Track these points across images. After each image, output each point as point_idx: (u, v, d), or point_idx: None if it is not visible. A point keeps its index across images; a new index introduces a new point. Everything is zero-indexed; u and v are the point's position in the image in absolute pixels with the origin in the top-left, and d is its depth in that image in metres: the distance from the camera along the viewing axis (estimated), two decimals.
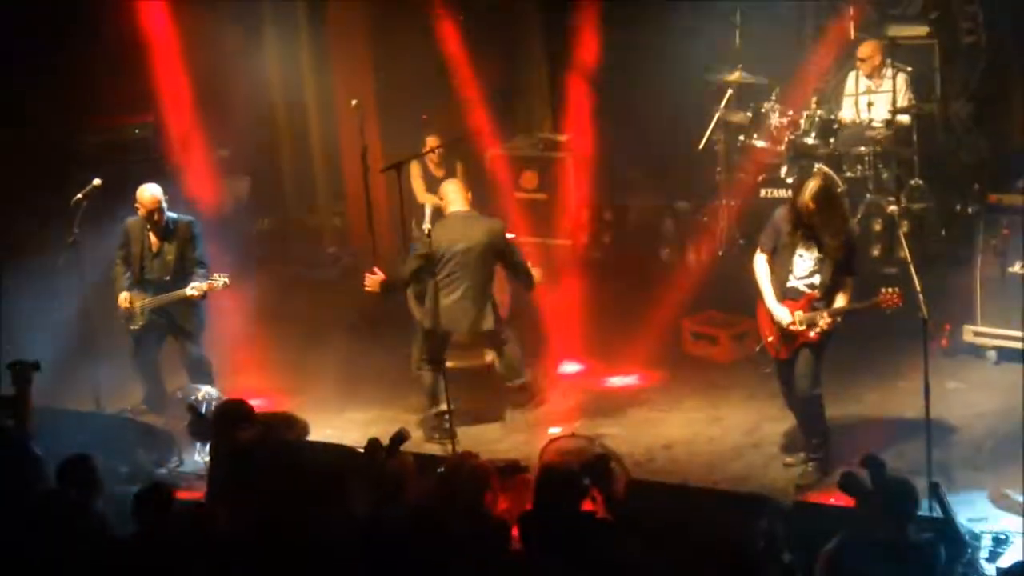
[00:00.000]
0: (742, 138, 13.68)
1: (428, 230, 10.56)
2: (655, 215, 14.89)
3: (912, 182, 13.22)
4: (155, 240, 11.30)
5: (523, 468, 9.01)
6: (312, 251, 15.47)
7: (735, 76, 13.78)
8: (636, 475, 8.77)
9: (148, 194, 11.20)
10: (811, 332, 9.53)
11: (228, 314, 12.72)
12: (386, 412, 11.36)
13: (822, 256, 9.51)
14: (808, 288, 9.58)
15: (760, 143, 13.53)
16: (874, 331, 10.87)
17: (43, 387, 9.73)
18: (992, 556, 8.13)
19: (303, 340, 13.23)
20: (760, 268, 9.77)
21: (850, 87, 13.56)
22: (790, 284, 9.64)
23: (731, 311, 12.03)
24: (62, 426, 10.12)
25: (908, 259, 9.31)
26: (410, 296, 11.79)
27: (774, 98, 13.51)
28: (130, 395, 11.76)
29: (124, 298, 11.32)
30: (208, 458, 9.52)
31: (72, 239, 11.23)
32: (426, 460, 9.11)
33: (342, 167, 15.16)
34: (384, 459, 8.47)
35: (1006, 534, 8.35)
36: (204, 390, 11.08)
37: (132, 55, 14.14)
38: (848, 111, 13.48)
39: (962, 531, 8.18)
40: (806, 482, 9.72)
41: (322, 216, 15.97)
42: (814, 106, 13.26)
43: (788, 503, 8.83)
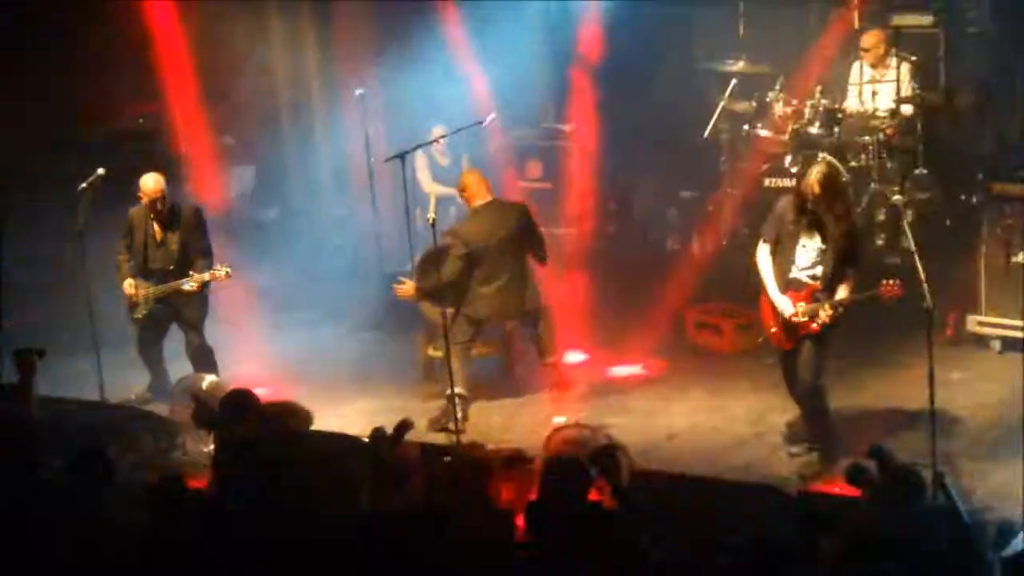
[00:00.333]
0: (746, 127, 13.68)
1: (432, 219, 10.53)
2: (659, 204, 14.89)
3: (916, 172, 13.19)
4: (159, 229, 11.30)
5: (528, 458, 9.00)
6: (316, 242, 15.45)
7: (740, 65, 13.78)
8: (640, 465, 8.75)
9: (151, 183, 11.20)
10: (813, 323, 9.53)
11: (232, 304, 12.74)
12: (390, 401, 11.35)
13: (825, 246, 9.49)
14: (810, 279, 9.57)
15: (764, 132, 13.53)
16: (878, 321, 10.86)
17: (47, 375, 9.77)
18: (997, 545, 8.12)
19: (307, 330, 13.23)
20: (763, 259, 9.76)
21: (854, 76, 13.54)
22: (792, 275, 9.63)
23: (735, 301, 12.03)
24: (65, 415, 10.14)
25: (912, 249, 9.30)
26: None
27: (778, 87, 13.49)
28: (134, 384, 11.76)
29: (128, 284, 11.33)
30: (213, 447, 9.52)
31: (76, 229, 11.22)
32: (430, 449, 9.11)
33: (346, 156, 15.13)
34: (388, 448, 8.48)
35: (1011, 523, 8.34)
36: (208, 379, 11.08)
37: (138, 44, 14.12)
38: (852, 101, 13.46)
39: (967, 521, 8.17)
40: (810, 472, 9.71)
41: (326, 206, 15.95)
42: (818, 95, 13.23)
43: (792, 492, 8.84)
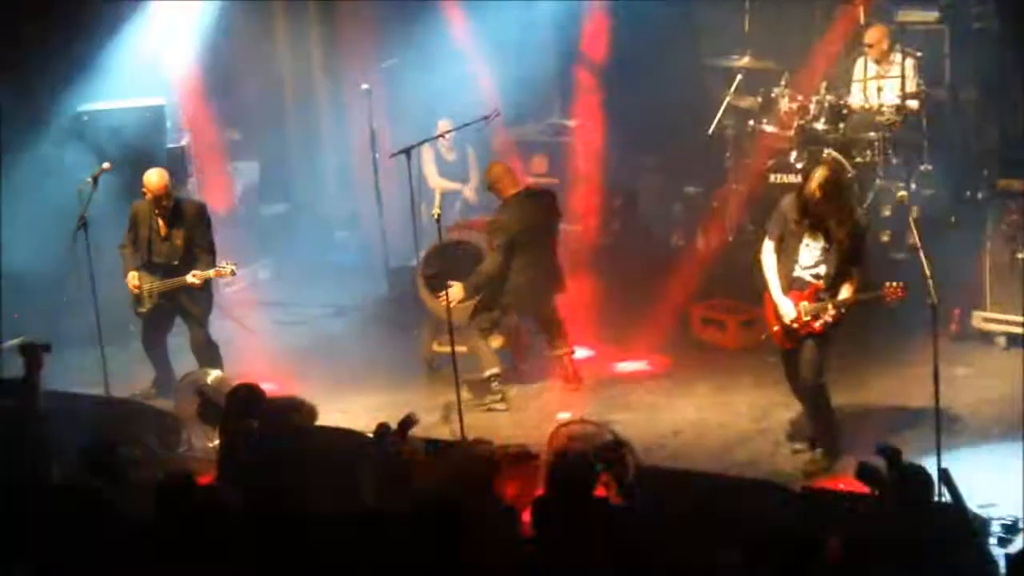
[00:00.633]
0: (751, 123, 13.66)
1: (437, 214, 10.55)
2: (664, 200, 14.89)
3: (921, 168, 13.20)
4: (163, 224, 11.29)
5: (533, 455, 9.01)
6: (321, 237, 15.46)
7: (745, 61, 13.77)
8: (645, 461, 8.75)
9: (155, 178, 11.19)
10: (816, 323, 9.53)
11: (237, 299, 12.76)
12: (395, 397, 11.35)
13: (828, 246, 9.49)
14: (814, 278, 9.56)
15: (769, 128, 13.51)
16: (883, 317, 10.87)
17: (52, 370, 9.78)
18: (1002, 542, 8.13)
19: (312, 325, 13.24)
20: (767, 258, 9.75)
21: (859, 72, 13.52)
22: (796, 274, 9.62)
23: (740, 297, 12.03)
24: (71, 409, 10.14)
25: (917, 245, 9.28)
26: (421, 284, 11.82)
27: (784, 83, 13.47)
28: (139, 379, 11.77)
29: (133, 276, 11.33)
30: (218, 442, 9.54)
31: (81, 222, 11.22)
32: (435, 445, 9.12)
33: (352, 151, 15.14)
34: (393, 444, 8.49)
35: (1016, 520, 8.34)
36: (213, 374, 11.08)
37: (144, 37, 14.11)
38: (857, 96, 13.44)
39: (972, 517, 8.16)
40: (814, 468, 9.71)
41: (331, 201, 15.95)
42: (823, 91, 13.23)
43: (796, 489, 8.83)
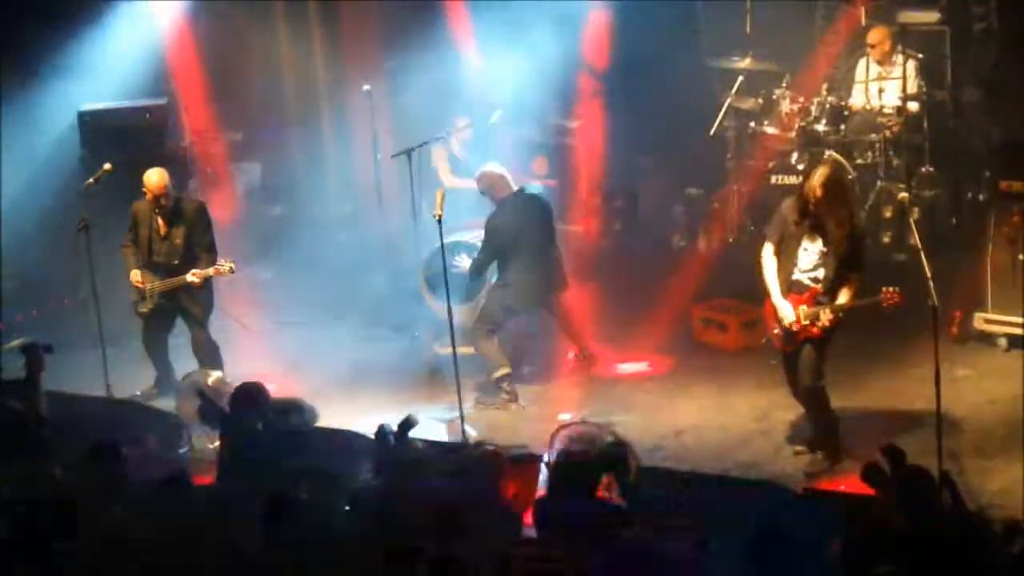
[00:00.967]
0: (753, 125, 13.67)
1: (438, 216, 10.53)
2: (666, 201, 14.89)
3: (923, 169, 13.20)
4: (162, 223, 11.30)
5: (536, 457, 9.02)
6: (322, 238, 15.45)
7: (746, 62, 13.78)
8: (646, 462, 8.76)
9: (155, 178, 11.19)
10: (814, 328, 9.53)
11: (238, 300, 12.75)
12: (396, 398, 11.35)
13: (827, 249, 9.49)
14: (812, 281, 9.56)
15: (771, 130, 13.53)
16: (884, 319, 10.81)
17: (53, 371, 9.78)
18: (1003, 544, 8.11)
19: (313, 326, 13.24)
20: (767, 262, 9.75)
21: (860, 74, 13.53)
22: (795, 277, 9.63)
23: (741, 298, 12.02)
24: (72, 410, 10.15)
25: (918, 246, 9.31)
26: (422, 285, 11.84)
27: (785, 85, 13.50)
28: (140, 380, 11.77)
29: (136, 274, 11.33)
30: (218, 443, 9.54)
31: (82, 223, 11.23)
32: (435, 446, 9.12)
33: (354, 152, 15.12)
34: (393, 445, 8.50)
35: (1018, 521, 8.33)
36: (214, 375, 11.09)
37: (146, 39, 14.13)
38: (859, 98, 13.45)
39: (973, 519, 8.16)
40: (815, 470, 9.71)
41: (332, 203, 15.94)
42: (825, 93, 13.25)
43: (798, 490, 8.84)
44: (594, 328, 12.15)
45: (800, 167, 12.98)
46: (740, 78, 13.77)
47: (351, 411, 11.02)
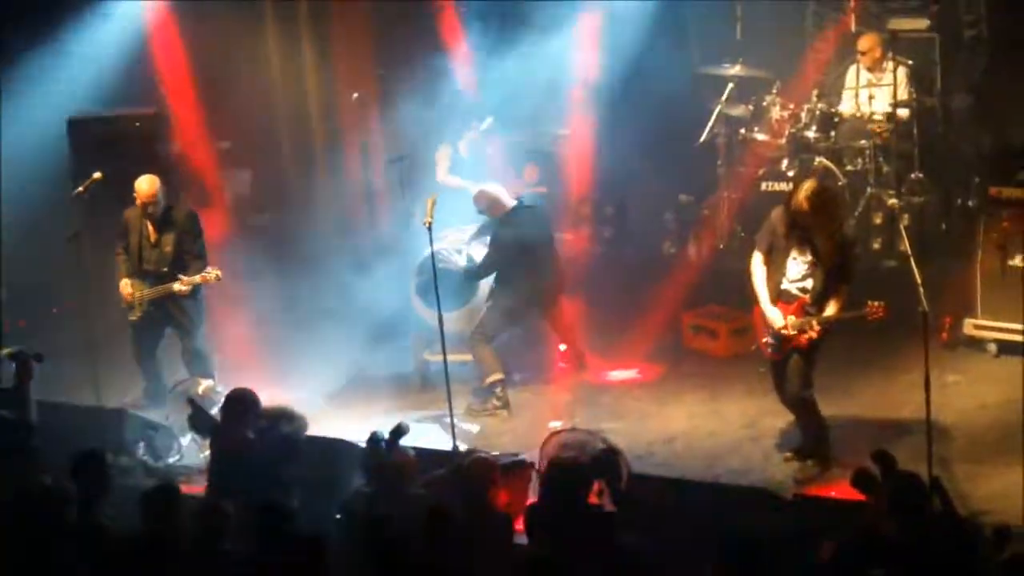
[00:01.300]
0: (743, 131, 13.69)
1: (428, 223, 10.48)
2: (656, 208, 14.88)
3: (912, 175, 13.22)
4: (153, 231, 11.30)
5: (527, 464, 9.02)
6: (313, 245, 15.43)
7: (736, 69, 13.78)
8: (637, 469, 8.76)
9: (145, 185, 11.20)
10: (802, 338, 9.54)
11: (228, 308, 12.72)
12: (386, 405, 11.35)
13: (815, 260, 9.50)
14: (800, 292, 9.58)
15: (761, 136, 13.54)
16: (874, 324, 10.85)
17: (44, 379, 9.75)
18: (992, 549, 8.11)
19: (303, 334, 13.21)
20: (756, 270, 9.77)
21: (851, 80, 13.56)
22: (783, 287, 9.66)
23: (731, 305, 12.03)
24: (62, 419, 10.12)
25: (908, 252, 9.33)
26: (413, 291, 11.83)
27: (775, 91, 13.52)
28: (130, 388, 11.75)
29: (125, 284, 11.33)
30: (208, 452, 9.52)
31: (73, 233, 11.22)
32: (426, 454, 9.11)
33: (344, 160, 15.12)
34: (385, 453, 8.49)
35: (1008, 527, 8.33)
36: (204, 383, 11.07)
37: (135, 47, 14.11)
38: (848, 104, 13.47)
39: (963, 525, 8.16)
40: (805, 476, 9.72)
41: (323, 210, 15.92)
42: (815, 99, 13.27)
43: (788, 497, 8.84)
44: (584, 335, 12.15)
45: (790, 174, 13.00)
46: (730, 85, 13.77)
47: (342, 419, 11.02)
